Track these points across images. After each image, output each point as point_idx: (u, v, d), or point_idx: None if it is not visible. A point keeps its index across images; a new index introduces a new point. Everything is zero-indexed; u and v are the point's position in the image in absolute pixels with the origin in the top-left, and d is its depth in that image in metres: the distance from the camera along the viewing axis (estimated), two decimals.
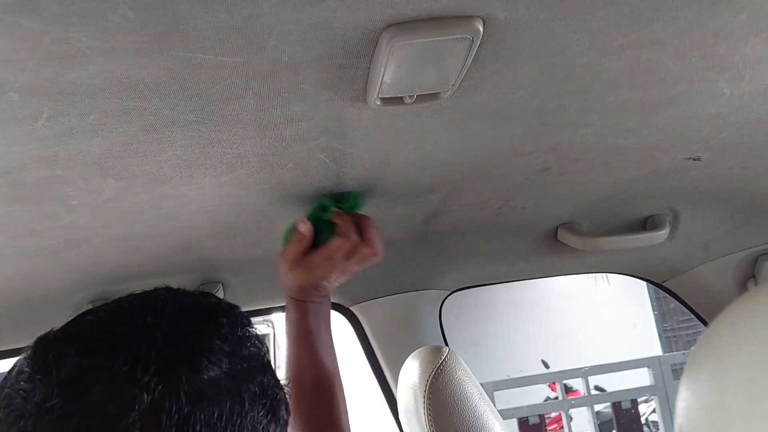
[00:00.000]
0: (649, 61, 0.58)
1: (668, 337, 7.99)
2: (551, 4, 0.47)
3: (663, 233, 1.10)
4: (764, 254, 1.21)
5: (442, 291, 1.24)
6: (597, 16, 0.49)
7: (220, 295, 1.05)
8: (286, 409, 0.54)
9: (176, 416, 0.45)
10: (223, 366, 0.49)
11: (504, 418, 0.90)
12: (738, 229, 1.17)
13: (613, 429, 4.70)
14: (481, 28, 0.48)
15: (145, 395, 0.44)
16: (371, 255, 0.84)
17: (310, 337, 0.86)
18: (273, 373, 0.54)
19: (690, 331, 7.88)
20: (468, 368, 0.87)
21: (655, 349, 7.17)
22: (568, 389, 5.00)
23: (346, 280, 0.91)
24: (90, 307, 0.99)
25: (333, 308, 1.22)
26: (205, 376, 0.47)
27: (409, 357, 0.92)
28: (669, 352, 7.02)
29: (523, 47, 0.53)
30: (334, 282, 0.87)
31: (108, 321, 0.50)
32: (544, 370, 5.78)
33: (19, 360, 0.48)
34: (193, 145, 0.61)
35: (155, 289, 0.54)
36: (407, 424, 0.93)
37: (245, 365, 0.51)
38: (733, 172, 0.97)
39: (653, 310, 7.61)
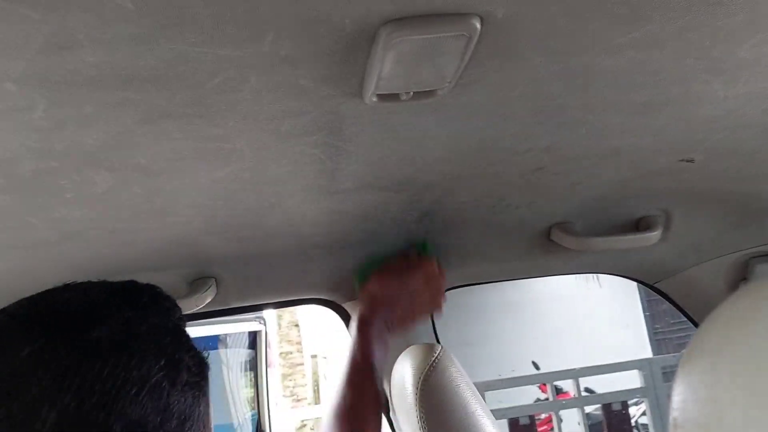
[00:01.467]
0: (645, 61, 0.59)
1: (659, 339, 8.02)
2: (549, 3, 0.47)
3: (655, 234, 1.11)
4: (756, 257, 1.22)
5: None
6: (595, 15, 0.50)
7: (213, 290, 1.05)
8: (193, 373, 0.55)
9: (53, 366, 0.48)
10: (115, 327, 0.51)
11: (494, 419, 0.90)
12: (730, 231, 1.18)
13: (603, 431, 4.72)
14: (478, 26, 0.48)
15: (27, 348, 0.48)
16: (439, 294, 1.01)
17: (367, 362, 0.93)
18: (182, 339, 0.56)
19: (681, 334, 7.92)
20: (461, 366, 0.87)
21: (645, 351, 7.20)
22: (558, 391, 5.02)
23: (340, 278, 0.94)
24: None
25: (325, 305, 1.22)
26: (93, 334, 0.50)
27: (402, 354, 0.92)
28: (660, 354, 7.06)
29: (521, 46, 0.53)
30: (402, 316, 0.99)
31: (24, 299, 0.55)
32: (535, 372, 5.80)
33: None
34: (188, 139, 0.61)
35: (87, 281, 0.57)
36: (399, 422, 0.93)
37: (144, 328, 0.53)
38: (726, 174, 0.98)
39: (644, 312, 7.65)
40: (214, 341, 4.09)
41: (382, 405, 0.92)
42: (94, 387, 0.48)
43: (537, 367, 6.11)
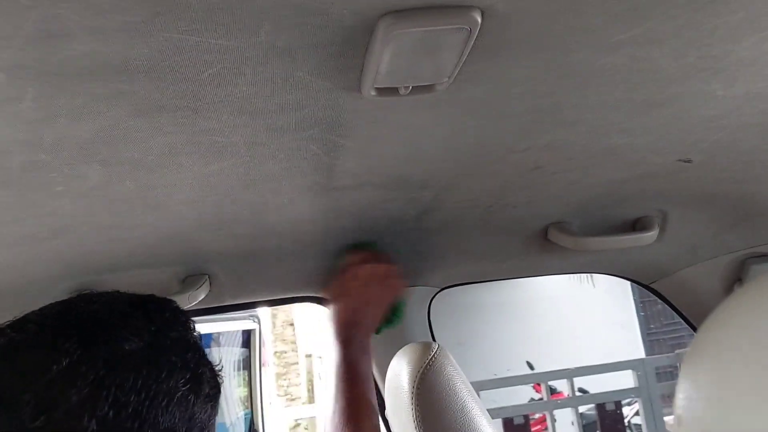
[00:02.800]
0: (645, 59, 0.58)
1: (652, 339, 8.06)
2: None
3: (652, 234, 1.11)
4: (752, 257, 1.22)
5: (432, 288, 1.23)
6: (595, 11, 0.49)
7: (206, 287, 1.04)
8: (211, 385, 0.59)
9: (91, 377, 0.50)
10: (145, 340, 0.54)
11: None
12: (726, 232, 1.18)
13: (596, 430, 4.73)
14: (479, 19, 0.47)
15: (64, 359, 0.50)
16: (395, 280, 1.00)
17: (351, 373, 0.92)
18: (202, 353, 0.60)
19: (674, 335, 7.96)
20: (457, 365, 0.86)
21: (639, 351, 7.23)
22: (552, 391, 5.03)
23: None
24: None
25: (321, 303, 1.22)
26: (126, 347, 0.53)
27: (398, 353, 0.91)
28: (653, 354, 7.08)
29: (521, 41, 0.52)
30: (371, 317, 0.99)
31: (46, 309, 0.56)
32: (529, 372, 5.82)
33: None
34: (181, 132, 0.60)
35: (104, 292, 0.60)
36: (394, 421, 0.93)
37: (169, 342, 0.57)
38: (723, 175, 0.97)
39: (638, 313, 7.68)
40: (208, 339, 4.08)
41: (377, 413, 0.91)
42: (129, 398, 0.51)
43: (531, 367, 6.13)
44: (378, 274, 0.99)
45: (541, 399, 5.04)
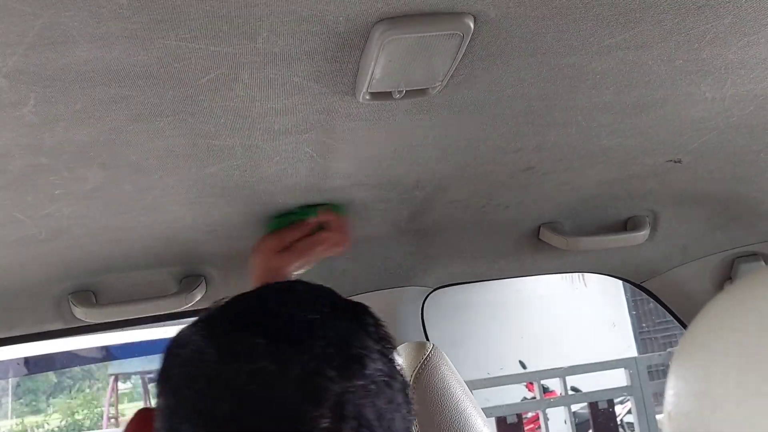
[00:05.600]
0: (634, 63, 0.59)
1: (644, 338, 8.09)
2: (541, 3, 0.47)
3: (643, 234, 1.12)
4: (741, 256, 1.24)
5: (425, 288, 1.24)
6: (586, 15, 0.50)
7: (203, 289, 1.04)
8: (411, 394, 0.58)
9: (353, 409, 0.48)
10: (378, 364, 0.52)
11: None
12: (716, 231, 1.19)
13: (589, 429, 4.76)
14: (471, 25, 0.48)
15: (333, 388, 0.48)
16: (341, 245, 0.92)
17: None
18: (399, 364, 0.57)
19: (666, 333, 8.00)
20: (452, 364, 0.87)
21: (631, 350, 7.26)
22: (545, 390, 5.05)
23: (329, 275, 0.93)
24: (70, 298, 0.98)
25: None
26: (369, 372, 0.51)
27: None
28: (645, 353, 7.12)
29: (513, 45, 0.53)
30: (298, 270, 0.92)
31: (278, 315, 0.53)
32: (522, 371, 5.83)
33: (192, 339, 0.52)
34: (180, 136, 0.61)
35: (289, 283, 0.57)
36: None
37: (391, 364, 0.54)
38: (712, 175, 0.99)
39: (630, 312, 7.71)
40: None
41: None
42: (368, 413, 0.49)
43: (524, 366, 6.14)
44: (330, 241, 0.91)
45: (533, 398, 5.06)
